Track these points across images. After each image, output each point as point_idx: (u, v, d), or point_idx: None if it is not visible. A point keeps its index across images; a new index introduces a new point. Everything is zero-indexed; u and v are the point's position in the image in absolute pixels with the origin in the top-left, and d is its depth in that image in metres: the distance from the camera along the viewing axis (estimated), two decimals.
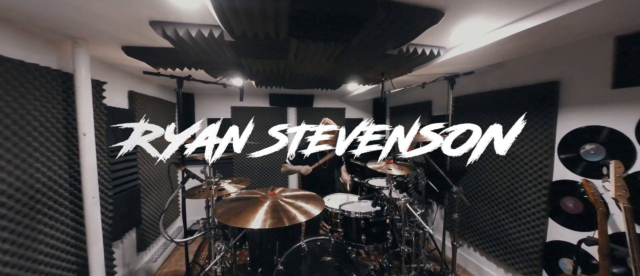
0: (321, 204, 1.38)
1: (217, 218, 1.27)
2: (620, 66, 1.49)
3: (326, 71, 2.04)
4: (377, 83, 2.60)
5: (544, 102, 1.86)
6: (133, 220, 2.16)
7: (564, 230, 1.79)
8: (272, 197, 1.44)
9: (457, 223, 1.89)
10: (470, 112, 2.41)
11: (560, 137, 1.80)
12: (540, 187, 1.88)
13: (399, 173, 1.50)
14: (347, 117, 4.20)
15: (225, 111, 3.72)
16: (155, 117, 2.62)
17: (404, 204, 1.43)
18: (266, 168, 3.89)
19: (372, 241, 1.55)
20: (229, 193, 1.83)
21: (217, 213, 1.31)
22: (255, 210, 1.28)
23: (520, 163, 2.02)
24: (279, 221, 1.18)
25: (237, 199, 1.47)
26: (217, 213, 1.31)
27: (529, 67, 1.98)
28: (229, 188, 1.83)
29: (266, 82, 2.51)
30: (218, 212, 1.32)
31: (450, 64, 1.82)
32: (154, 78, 2.50)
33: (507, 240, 2.12)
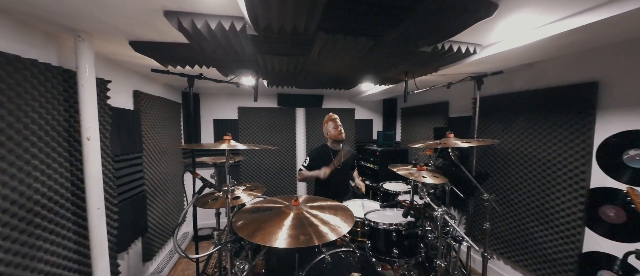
0: (350, 218, 1.25)
1: (238, 231, 1.13)
2: None
3: (346, 70, 1.91)
4: (394, 83, 2.47)
5: (580, 104, 1.75)
6: (139, 229, 2.01)
7: (603, 241, 1.68)
8: (296, 207, 1.30)
9: (488, 233, 1.77)
10: (496, 113, 2.29)
11: (599, 141, 1.68)
12: (576, 194, 1.77)
13: (433, 181, 1.37)
14: (357, 117, 4.07)
15: (232, 111, 3.57)
16: (160, 118, 2.47)
17: (442, 216, 1.30)
18: (276, 172, 3.76)
19: (404, 255, 1.42)
20: (243, 202, 1.69)
21: (237, 226, 1.17)
22: (279, 224, 1.15)
23: (552, 169, 1.90)
24: (309, 240, 1.04)
25: (257, 209, 1.33)
26: (237, 226, 1.17)
27: (561, 67, 1.86)
28: (244, 197, 1.69)
29: (280, 81, 2.37)
30: (238, 224, 1.18)
31: (484, 62, 1.69)
32: (159, 77, 2.36)
33: (537, 249, 2.01)
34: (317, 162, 2.32)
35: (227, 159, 1.42)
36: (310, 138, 3.87)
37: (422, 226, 1.49)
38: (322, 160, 2.33)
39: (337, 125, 2.26)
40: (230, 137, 1.42)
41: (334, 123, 2.26)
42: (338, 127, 2.26)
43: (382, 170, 3.26)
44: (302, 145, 3.89)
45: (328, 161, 2.33)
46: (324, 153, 2.36)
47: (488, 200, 1.76)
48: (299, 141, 3.86)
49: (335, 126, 2.25)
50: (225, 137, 1.41)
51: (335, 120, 2.27)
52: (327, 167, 2.16)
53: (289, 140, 3.78)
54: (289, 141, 3.78)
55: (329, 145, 2.38)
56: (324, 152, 2.36)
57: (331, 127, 2.26)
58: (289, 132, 3.77)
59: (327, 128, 2.29)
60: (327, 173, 2.14)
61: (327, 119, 2.30)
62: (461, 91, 2.78)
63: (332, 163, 2.19)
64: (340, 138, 2.30)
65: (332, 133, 2.26)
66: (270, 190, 3.71)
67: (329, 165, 2.32)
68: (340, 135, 2.28)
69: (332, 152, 2.35)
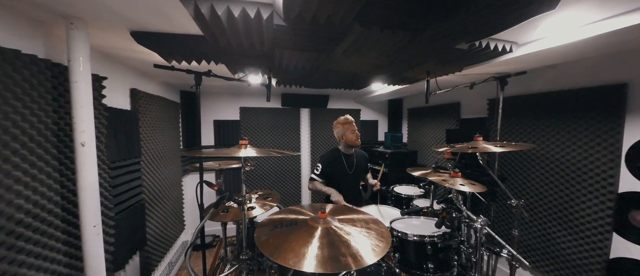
0: (386, 233, 1.12)
1: (262, 249, 0.98)
2: None
3: (367, 68, 1.78)
4: (411, 82, 2.37)
5: (608, 106, 1.69)
6: (137, 243, 1.81)
7: (633, 246, 1.63)
8: (323, 220, 1.16)
9: (516, 241, 1.68)
10: (515, 115, 2.22)
11: (629, 144, 1.63)
12: (604, 199, 1.71)
13: (470, 189, 1.27)
14: (362, 118, 3.97)
15: (233, 112, 3.38)
16: (159, 119, 2.26)
17: (483, 227, 1.19)
18: (279, 176, 3.59)
19: (439, 270, 1.31)
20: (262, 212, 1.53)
21: (261, 242, 1.01)
22: (306, 241, 0.99)
23: (577, 172, 1.84)
24: (343, 264, 0.89)
25: (279, 222, 1.18)
26: (261, 242, 1.01)
27: (587, 69, 1.81)
28: (258, 209, 1.53)
29: (291, 80, 2.21)
30: (261, 240, 1.03)
31: (514, 62, 1.61)
32: (158, 74, 2.16)
33: (560, 255, 1.95)
34: (330, 168, 2.18)
35: (244, 166, 1.26)
36: (315, 140, 3.73)
37: (458, 237, 1.38)
38: (335, 167, 2.19)
39: (354, 129, 2.11)
40: (247, 142, 1.26)
41: (351, 127, 2.10)
42: (355, 132, 2.12)
43: (392, 172, 3.16)
44: (306, 147, 3.73)
45: (341, 167, 2.19)
46: (336, 159, 2.21)
47: (517, 206, 1.68)
48: (303, 143, 3.71)
49: (352, 130, 2.10)
50: (241, 142, 1.25)
51: (352, 123, 2.11)
52: (341, 197, 1.97)
53: (293, 142, 3.62)
54: (294, 143, 3.63)
55: (341, 149, 2.24)
56: (337, 157, 2.22)
57: (349, 132, 2.11)
58: (294, 134, 3.62)
59: (343, 132, 2.13)
60: (341, 204, 1.96)
61: (342, 122, 2.12)
62: (474, 92, 2.71)
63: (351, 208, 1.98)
64: (357, 144, 2.17)
65: (350, 138, 2.12)
66: None
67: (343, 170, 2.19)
68: (358, 141, 2.16)
69: (345, 157, 2.22)
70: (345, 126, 2.10)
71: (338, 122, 2.14)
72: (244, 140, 1.27)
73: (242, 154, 1.16)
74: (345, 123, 2.10)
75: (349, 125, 2.09)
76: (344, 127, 2.11)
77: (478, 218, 1.21)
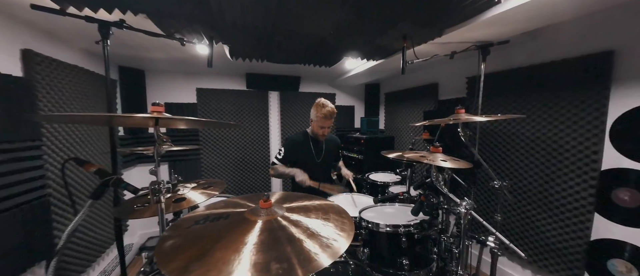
0: (348, 223, 0.85)
1: (161, 264, 0.64)
2: None
3: (332, 29, 1.49)
4: (387, 55, 2.11)
5: (593, 78, 1.56)
6: (38, 252, 1.39)
7: (615, 227, 1.53)
8: (266, 211, 0.85)
9: (499, 227, 1.51)
10: (495, 94, 2.06)
11: (614, 118, 1.51)
12: (586, 177, 1.59)
13: (454, 165, 1.03)
14: (337, 103, 3.69)
15: (188, 94, 2.93)
16: (80, 95, 1.80)
17: (468, 212, 0.97)
18: (245, 167, 3.22)
19: (416, 266, 1.08)
20: (194, 203, 1.20)
21: (163, 250, 0.69)
22: (237, 244, 0.68)
23: (559, 150, 1.71)
24: (288, 270, 0.59)
25: (205, 217, 0.86)
26: (163, 250, 0.69)
27: (571, 37, 1.67)
28: (194, 197, 1.20)
29: (246, 47, 1.85)
30: (165, 247, 0.70)
31: (498, 22, 1.39)
32: (73, 38, 1.70)
33: (539, 239, 1.84)
34: (294, 154, 1.88)
35: (157, 142, 0.91)
36: (286, 127, 3.40)
37: (438, 225, 1.15)
38: (300, 153, 1.89)
39: (324, 124, 1.80)
40: (162, 109, 0.91)
41: (321, 122, 1.79)
42: (324, 128, 1.83)
43: (368, 159, 2.94)
44: (276, 135, 3.40)
45: (307, 153, 1.91)
46: (302, 144, 1.92)
47: (500, 188, 1.50)
48: (272, 130, 3.36)
49: (321, 125, 1.80)
50: (153, 108, 0.90)
51: (325, 118, 1.77)
52: (307, 176, 1.72)
53: (260, 128, 3.26)
54: (261, 130, 3.27)
55: (310, 133, 1.95)
56: (303, 142, 1.93)
57: (317, 124, 1.82)
58: (261, 119, 3.25)
59: (315, 118, 1.83)
60: (306, 184, 1.70)
61: (319, 105, 1.80)
62: (452, 71, 2.55)
63: (316, 182, 1.72)
64: (320, 140, 1.91)
65: (315, 130, 1.86)
66: (237, 190, 3.18)
67: (310, 158, 1.90)
68: (322, 138, 1.89)
69: (313, 143, 1.93)
70: (317, 113, 1.79)
71: (316, 104, 1.83)
72: (158, 106, 0.92)
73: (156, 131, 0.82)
74: (317, 109, 1.79)
75: (321, 118, 1.77)
76: (316, 112, 1.80)
77: (462, 201, 0.97)
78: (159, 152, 0.91)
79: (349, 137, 3.34)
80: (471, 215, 1.01)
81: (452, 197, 1.03)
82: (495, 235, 0.96)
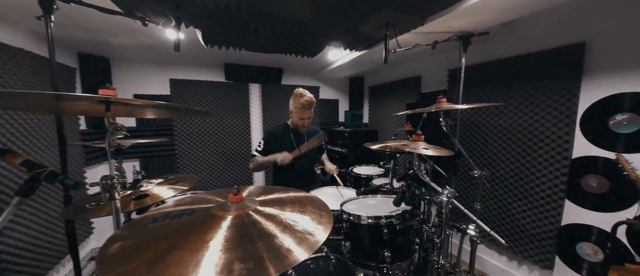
0: (326, 215, 0.79)
1: (99, 266, 0.54)
2: None
3: (310, 12, 1.41)
4: (370, 45, 2.07)
5: (566, 69, 1.60)
6: None
7: (583, 212, 1.60)
8: (237, 205, 0.77)
9: (479, 214, 1.53)
10: (474, 85, 2.09)
11: (584, 108, 1.56)
12: (559, 166, 1.65)
13: (436, 153, 1.01)
14: (322, 97, 3.63)
15: (161, 85, 2.73)
16: (25, 83, 1.59)
17: (449, 201, 0.94)
18: (225, 162, 3.07)
19: (398, 258, 1.05)
20: (162, 200, 1.09)
21: (108, 254, 0.58)
22: (198, 244, 0.58)
23: (534, 140, 1.77)
24: (258, 267, 0.53)
25: (165, 215, 0.76)
26: (108, 254, 0.58)
27: (546, 29, 1.71)
28: (163, 193, 1.09)
29: (219, 32, 1.72)
30: (111, 250, 0.59)
31: (484, 9, 1.38)
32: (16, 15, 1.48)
33: (514, 225, 1.90)
34: (274, 145, 1.80)
35: (110, 131, 0.80)
36: (269, 121, 3.28)
37: (420, 215, 1.13)
38: (280, 144, 1.81)
39: (303, 116, 1.73)
40: (113, 92, 0.79)
41: (301, 113, 1.72)
42: (304, 119, 1.76)
43: (352, 153, 2.91)
44: (258, 129, 3.27)
45: (289, 146, 1.83)
46: (283, 135, 1.84)
47: (480, 177, 1.52)
48: (254, 124, 3.23)
49: (300, 116, 1.73)
50: (102, 91, 0.78)
51: (304, 109, 1.70)
52: (286, 153, 1.67)
53: (241, 122, 3.12)
54: (242, 124, 3.13)
55: (291, 125, 1.87)
56: (283, 134, 1.85)
57: (296, 115, 1.75)
58: (241, 113, 3.11)
59: (294, 109, 1.76)
60: (289, 159, 1.64)
61: (297, 95, 1.72)
62: (434, 64, 2.56)
63: (296, 150, 1.69)
64: (301, 131, 1.84)
65: (294, 120, 1.79)
66: (216, 186, 3.04)
67: (292, 150, 1.83)
68: (303, 129, 1.83)
69: (294, 135, 1.85)
70: (295, 103, 1.71)
71: (294, 94, 1.75)
72: (110, 89, 0.80)
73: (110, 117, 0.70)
74: (295, 99, 1.71)
75: (299, 108, 1.70)
76: (294, 103, 1.72)
77: (444, 190, 0.95)
78: (111, 144, 0.79)
79: (333, 130, 3.29)
80: (453, 204, 0.99)
81: (434, 186, 1.00)
82: (476, 223, 0.94)
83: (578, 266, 1.63)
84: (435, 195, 0.98)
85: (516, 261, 1.97)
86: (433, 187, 0.99)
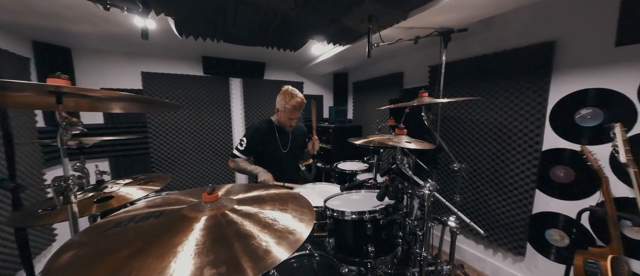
0: (309, 212, 0.76)
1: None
2: (626, 19, 1.36)
3: (292, 1, 1.35)
4: (353, 40, 2.05)
5: (537, 66, 1.69)
6: None
7: (551, 201, 1.71)
8: (211, 206, 0.72)
9: (458, 206, 1.58)
10: (454, 80, 2.14)
11: (553, 103, 1.66)
12: (531, 158, 1.75)
13: (419, 147, 1.01)
14: (306, 92, 3.57)
15: (132, 78, 2.53)
16: None
17: (432, 193, 0.95)
18: (204, 160, 2.94)
19: (382, 253, 1.04)
20: (129, 201, 1.00)
21: (56, 267, 0.50)
22: (166, 249, 0.51)
23: (508, 134, 1.85)
24: (232, 271, 0.49)
25: (130, 218, 0.69)
26: (56, 267, 0.50)
27: (520, 28, 1.78)
28: (130, 195, 1.00)
29: (194, 21, 1.61)
30: (60, 262, 0.51)
31: (459, 7, 1.40)
32: None
33: (490, 216, 1.99)
34: (259, 145, 1.73)
35: (62, 127, 0.70)
36: (250, 117, 3.18)
37: (403, 209, 1.13)
38: (265, 143, 1.75)
39: (292, 116, 1.68)
40: (65, 82, 0.70)
41: (290, 113, 1.66)
42: (292, 120, 1.71)
43: (336, 149, 2.90)
44: (239, 125, 3.16)
45: (273, 144, 1.77)
46: (267, 133, 1.77)
47: (459, 170, 1.56)
48: (235, 120, 3.12)
49: (289, 116, 1.68)
50: (52, 80, 0.69)
51: (294, 110, 1.65)
52: (270, 176, 1.59)
53: (221, 118, 2.99)
54: (222, 120, 3.00)
55: (275, 121, 1.80)
56: (268, 131, 1.78)
57: (285, 114, 1.69)
58: (222, 109, 2.98)
59: (281, 108, 1.68)
60: (269, 184, 1.56)
61: (286, 93, 1.66)
62: (416, 60, 2.61)
63: (284, 186, 1.58)
64: (287, 130, 1.79)
65: (283, 120, 1.73)
66: (195, 186, 2.91)
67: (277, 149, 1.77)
68: (289, 128, 1.77)
69: (278, 131, 1.79)
70: (286, 103, 1.64)
71: (284, 92, 1.67)
72: (61, 79, 0.71)
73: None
74: (285, 99, 1.64)
75: (290, 109, 1.64)
76: (284, 103, 1.65)
77: (426, 183, 0.95)
78: (63, 141, 0.70)
79: (317, 126, 3.25)
80: (435, 197, 0.99)
81: (417, 180, 1.00)
82: (456, 215, 0.96)
83: (547, 251, 1.74)
84: (417, 188, 0.98)
85: (492, 249, 2.07)
86: (416, 181, 1.00)
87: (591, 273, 1.20)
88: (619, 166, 1.33)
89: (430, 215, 1.02)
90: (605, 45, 1.44)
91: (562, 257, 1.67)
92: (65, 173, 0.72)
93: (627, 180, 1.30)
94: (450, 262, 1.51)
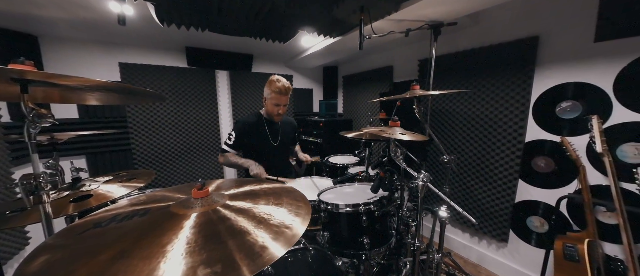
0: (305, 207, 0.74)
1: None
2: (605, 16, 1.42)
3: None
4: (344, 31, 2.02)
5: (521, 60, 1.74)
6: None
7: (532, 190, 1.79)
8: (201, 202, 0.68)
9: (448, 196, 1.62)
10: (443, 73, 2.17)
11: (536, 96, 1.72)
12: (514, 149, 1.81)
13: (413, 138, 1.01)
14: (295, 86, 3.51)
15: (110, 70, 2.37)
16: None
17: (425, 184, 0.96)
18: (190, 155, 2.83)
19: (377, 244, 1.05)
20: (110, 200, 0.93)
21: (27, 273, 0.46)
22: (152, 250, 0.48)
23: (493, 126, 1.91)
24: (228, 270, 0.46)
25: (111, 217, 0.64)
26: (27, 273, 0.46)
27: (506, 23, 1.82)
28: (112, 192, 0.93)
29: (176, 8, 1.51)
30: (31, 268, 0.46)
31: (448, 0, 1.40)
32: None
33: (476, 205, 2.07)
34: (247, 138, 1.68)
35: (29, 119, 0.63)
36: (238, 110, 3.09)
37: (396, 201, 1.14)
38: (254, 136, 1.70)
39: (278, 102, 1.62)
40: (30, 67, 0.63)
41: (275, 99, 1.60)
42: (279, 107, 1.65)
43: (327, 143, 2.89)
44: (227, 119, 3.07)
45: (262, 137, 1.72)
46: (256, 125, 1.72)
47: (449, 161, 1.60)
48: (223, 113, 3.02)
49: (276, 102, 1.62)
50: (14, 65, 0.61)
51: (280, 94, 1.59)
52: (262, 169, 1.56)
53: (208, 112, 2.88)
54: (209, 113, 2.89)
55: (264, 114, 1.75)
56: (256, 124, 1.73)
57: (271, 102, 1.63)
58: (208, 102, 2.87)
59: (268, 92, 1.63)
60: (262, 177, 1.53)
61: (272, 81, 1.60)
62: (406, 54, 2.62)
63: (277, 179, 1.55)
64: (275, 120, 1.74)
65: (269, 108, 1.68)
66: (181, 182, 2.81)
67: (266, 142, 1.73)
68: (277, 117, 1.71)
69: (267, 125, 1.75)
70: (271, 88, 1.59)
71: (270, 80, 1.62)
72: (24, 64, 0.63)
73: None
74: (270, 85, 1.59)
75: (276, 94, 1.58)
76: (270, 89, 1.60)
77: (419, 174, 0.95)
78: (31, 135, 0.63)
79: (307, 120, 3.23)
80: (427, 188, 1.00)
81: (410, 171, 1.00)
82: (449, 205, 0.97)
83: (528, 238, 1.83)
84: (410, 179, 0.99)
85: (477, 237, 2.16)
86: (409, 172, 1.00)
87: (569, 255, 1.27)
88: (595, 156, 1.40)
89: (423, 205, 1.03)
90: (585, 41, 1.50)
91: (542, 242, 1.76)
92: (35, 171, 0.65)
93: (602, 169, 1.38)
94: (440, 250, 1.55)
